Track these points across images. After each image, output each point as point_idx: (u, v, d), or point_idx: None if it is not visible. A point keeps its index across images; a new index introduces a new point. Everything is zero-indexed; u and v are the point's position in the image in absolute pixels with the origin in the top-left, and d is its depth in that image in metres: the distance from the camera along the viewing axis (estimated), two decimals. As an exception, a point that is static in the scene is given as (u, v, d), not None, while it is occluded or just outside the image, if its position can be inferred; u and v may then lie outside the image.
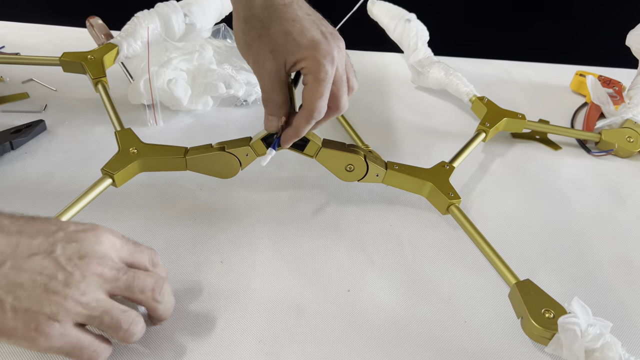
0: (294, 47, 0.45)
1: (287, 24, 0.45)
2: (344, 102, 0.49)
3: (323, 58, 0.45)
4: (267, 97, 0.48)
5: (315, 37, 0.45)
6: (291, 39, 0.45)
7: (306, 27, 0.45)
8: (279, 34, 0.45)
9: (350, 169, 0.58)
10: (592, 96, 0.84)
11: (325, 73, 0.45)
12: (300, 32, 0.45)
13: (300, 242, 0.57)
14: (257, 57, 0.46)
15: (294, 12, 0.46)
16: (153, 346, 0.45)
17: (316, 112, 0.47)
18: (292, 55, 0.45)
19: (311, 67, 0.45)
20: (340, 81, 0.48)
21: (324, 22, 0.48)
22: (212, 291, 0.50)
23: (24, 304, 0.33)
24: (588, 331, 0.43)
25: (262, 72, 0.47)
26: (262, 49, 0.46)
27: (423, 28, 0.88)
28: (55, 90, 0.77)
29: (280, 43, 0.45)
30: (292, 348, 0.46)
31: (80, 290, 0.34)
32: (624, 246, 0.61)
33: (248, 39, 0.46)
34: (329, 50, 0.45)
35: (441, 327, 0.50)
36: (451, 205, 0.57)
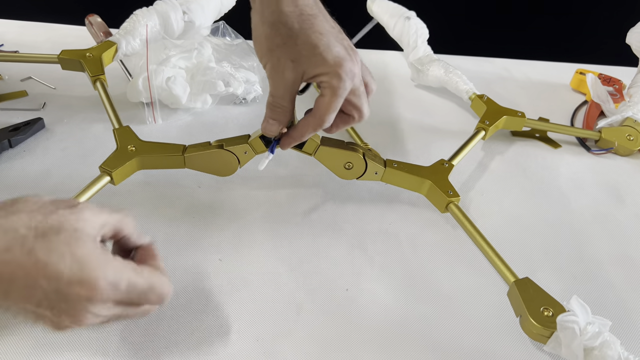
0: (319, 61, 0.45)
1: (314, 36, 0.45)
2: (366, 111, 0.50)
3: (346, 75, 0.45)
4: (276, 102, 0.48)
5: (340, 54, 0.45)
6: (317, 53, 0.45)
7: (332, 41, 0.45)
8: (306, 45, 0.45)
9: (349, 167, 0.58)
10: (592, 94, 0.83)
11: (344, 89, 0.46)
12: (326, 46, 0.45)
13: (298, 240, 0.57)
14: (277, 64, 0.46)
15: (321, 25, 0.46)
16: (150, 344, 0.45)
17: (326, 123, 0.48)
18: (315, 68, 0.45)
19: (332, 83, 0.46)
20: (359, 92, 0.48)
21: (344, 36, 0.48)
22: (210, 289, 0.50)
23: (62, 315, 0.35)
24: (587, 329, 0.43)
25: (279, 79, 0.47)
26: (284, 57, 0.46)
27: (423, 26, 0.88)
28: (54, 89, 0.77)
29: (305, 55, 0.45)
30: (290, 347, 0.46)
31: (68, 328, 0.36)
32: (624, 244, 0.61)
33: (271, 45, 0.46)
34: (351, 68, 0.46)
35: (440, 325, 0.50)
36: (450, 203, 0.57)
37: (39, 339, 0.44)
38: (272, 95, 0.48)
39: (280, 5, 0.45)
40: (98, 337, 0.45)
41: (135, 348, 0.45)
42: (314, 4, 0.47)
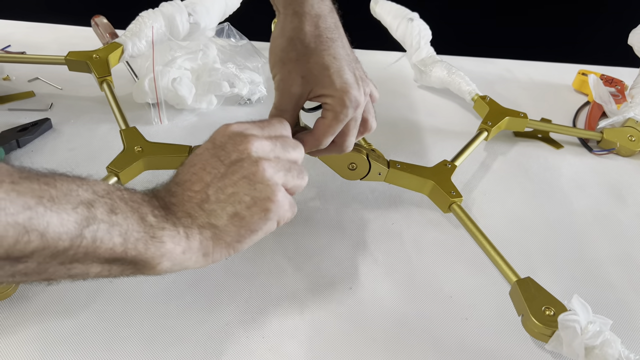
0: (327, 83, 0.46)
1: (328, 58, 0.46)
2: (350, 143, 0.50)
3: (350, 102, 0.46)
4: (278, 114, 0.49)
5: (348, 81, 0.46)
6: (327, 75, 0.46)
7: (344, 67, 0.47)
8: (317, 65, 0.46)
9: (353, 168, 0.58)
10: (594, 95, 0.84)
11: (345, 116, 0.47)
12: (337, 70, 0.46)
13: (303, 239, 0.57)
14: (287, 76, 0.48)
15: (337, 50, 0.47)
16: (157, 341, 0.46)
17: (323, 144, 0.49)
18: (322, 89, 0.47)
19: (335, 107, 0.46)
20: (353, 124, 0.49)
21: (357, 65, 0.49)
22: (215, 287, 0.51)
23: (247, 200, 0.39)
24: (588, 328, 0.44)
25: (286, 92, 0.48)
26: (295, 71, 0.47)
27: (426, 27, 0.89)
28: (60, 89, 0.78)
29: (315, 74, 0.46)
30: (294, 344, 0.47)
31: (263, 159, 0.40)
32: (625, 245, 0.61)
33: (285, 58, 0.48)
34: (356, 97, 0.46)
35: (442, 324, 0.50)
36: (453, 203, 0.58)
37: (46, 335, 0.45)
38: (275, 107, 0.49)
39: (302, 24, 0.47)
40: (106, 332, 0.46)
41: (143, 344, 0.45)
42: (335, 29, 0.48)
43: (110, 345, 0.45)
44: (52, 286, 0.49)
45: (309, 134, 0.49)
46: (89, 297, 0.49)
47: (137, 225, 0.34)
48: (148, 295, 0.50)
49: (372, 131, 0.52)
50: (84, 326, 0.46)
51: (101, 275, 0.34)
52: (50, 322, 0.46)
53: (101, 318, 0.47)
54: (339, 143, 0.50)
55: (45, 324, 0.46)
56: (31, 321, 0.46)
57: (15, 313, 0.47)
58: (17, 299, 0.47)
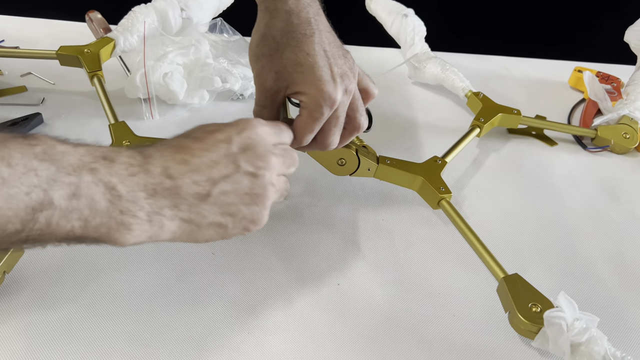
0: (300, 80, 0.46)
1: (301, 55, 0.45)
2: (331, 141, 0.49)
3: (323, 100, 0.45)
4: (258, 110, 0.49)
5: (322, 77, 0.45)
6: (300, 71, 0.45)
7: (318, 64, 0.45)
8: (290, 61, 0.46)
9: (342, 163, 0.58)
10: (589, 92, 0.83)
11: (320, 114, 0.46)
12: (310, 67, 0.45)
13: (291, 235, 0.57)
14: (261, 72, 0.47)
15: (311, 46, 0.46)
16: (142, 336, 0.46)
17: (302, 142, 0.48)
18: (296, 86, 0.46)
19: (309, 105, 0.46)
20: (334, 121, 0.48)
21: (339, 61, 0.47)
22: (201, 282, 0.51)
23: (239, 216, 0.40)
24: (574, 325, 0.43)
25: (261, 87, 0.48)
26: (268, 67, 0.47)
27: (420, 23, 0.88)
28: (53, 84, 0.78)
29: (289, 70, 0.46)
30: (281, 339, 0.47)
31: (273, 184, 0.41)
32: (617, 242, 0.61)
33: (258, 53, 0.47)
34: (331, 94, 0.45)
35: (430, 320, 0.50)
36: (442, 199, 0.57)
37: (31, 329, 0.45)
38: (255, 103, 0.49)
39: (273, 20, 0.46)
40: (91, 326, 0.46)
41: (128, 338, 0.45)
42: (312, 24, 0.47)
43: (96, 340, 0.45)
44: (37, 281, 0.49)
45: None
46: (75, 292, 0.49)
47: (105, 208, 0.33)
48: (134, 289, 0.49)
49: (362, 130, 0.51)
50: (69, 320, 0.46)
51: (60, 245, 0.34)
52: (35, 315, 0.46)
53: (87, 312, 0.47)
54: (319, 141, 0.49)
55: (31, 318, 0.46)
56: (17, 314, 0.46)
57: (1, 306, 0.47)
58: (3, 293, 0.47)
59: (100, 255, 0.52)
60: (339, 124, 0.48)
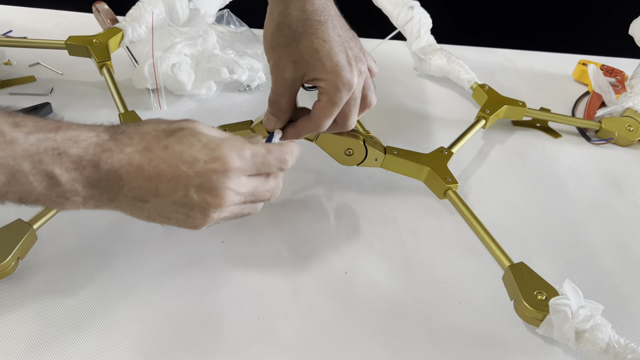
0: (318, 67, 0.46)
1: (317, 42, 0.46)
2: (352, 122, 0.51)
3: (342, 85, 0.46)
4: (275, 99, 0.50)
5: (340, 62, 0.46)
6: (317, 58, 0.46)
7: (334, 49, 0.46)
8: (307, 49, 0.46)
9: (350, 153, 0.59)
10: (594, 85, 0.84)
11: (339, 99, 0.47)
12: (327, 53, 0.46)
13: (299, 223, 0.58)
14: (278, 62, 0.48)
15: (326, 32, 0.47)
16: (155, 320, 0.46)
17: (321, 127, 0.49)
18: (314, 73, 0.47)
19: (328, 90, 0.46)
20: (353, 102, 0.49)
21: (352, 44, 0.48)
22: (212, 269, 0.52)
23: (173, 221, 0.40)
24: (579, 313, 0.44)
25: (279, 77, 0.48)
26: (286, 56, 0.47)
27: (426, 15, 0.88)
28: (61, 74, 0.78)
29: (306, 58, 0.46)
30: (289, 326, 0.48)
31: (214, 218, 0.40)
32: (620, 233, 0.62)
33: (275, 43, 0.48)
34: (349, 78, 0.46)
35: (436, 308, 0.51)
36: (448, 189, 0.58)
37: (44, 313, 0.46)
38: (272, 92, 0.50)
39: (288, 9, 0.47)
40: (103, 312, 0.47)
41: (139, 324, 0.46)
42: (324, 11, 0.48)
43: (107, 325, 0.46)
44: (50, 267, 0.50)
45: (307, 119, 0.49)
46: (87, 278, 0.49)
47: (41, 192, 0.36)
48: (145, 276, 0.50)
49: (373, 106, 0.52)
50: (82, 305, 0.47)
51: None
52: (48, 300, 0.47)
53: (99, 298, 0.48)
54: (340, 123, 0.50)
55: (44, 303, 0.47)
56: (30, 300, 0.47)
57: (15, 292, 0.47)
58: (17, 278, 0.48)
59: (110, 242, 0.53)
60: (357, 104, 0.50)
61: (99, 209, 0.40)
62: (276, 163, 0.42)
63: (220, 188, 0.39)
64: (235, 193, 0.40)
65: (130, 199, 0.38)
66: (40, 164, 0.35)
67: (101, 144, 0.37)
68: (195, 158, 0.38)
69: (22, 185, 0.35)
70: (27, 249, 0.48)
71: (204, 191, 0.38)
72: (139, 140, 0.38)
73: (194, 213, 0.39)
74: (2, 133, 0.35)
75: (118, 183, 0.37)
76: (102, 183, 0.37)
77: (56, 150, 0.36)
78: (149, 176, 0.37)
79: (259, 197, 0.43)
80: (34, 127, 0.36)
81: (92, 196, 0.38)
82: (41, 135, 0.36)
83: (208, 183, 0.38)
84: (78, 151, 0.36)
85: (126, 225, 0.55)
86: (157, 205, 0.39)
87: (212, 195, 0.39)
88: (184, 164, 0.38)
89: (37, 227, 0.48)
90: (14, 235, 0.46)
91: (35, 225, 0.48)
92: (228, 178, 0.39)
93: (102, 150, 0.37)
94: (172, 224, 0.41)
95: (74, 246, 0.52)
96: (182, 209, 0.39)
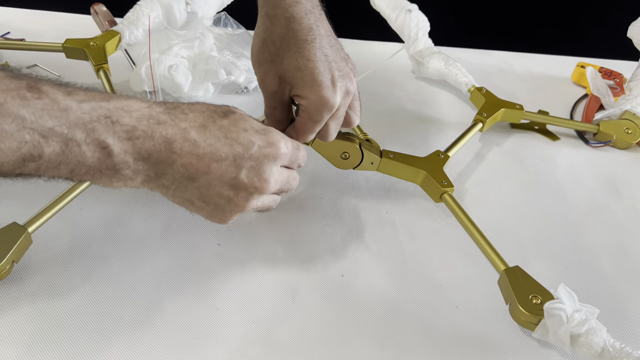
0: (300, 84, 0.47)
1: (301, 60, 0.46)
2: (331, 137, 0.52)
3: (323, 106, 0.47)
4: (269, 112, 0.51)
5: (323, 83, 0.46)
6: (300, 77, 0.46)
7: (319, 69, 0.46)
8: (291, 67, 0.46)
9: (346, 157, 0.59)
10: (592, 87, 0.84)
11: (320, 117, 0.48)
12: (310, 73, 0.46)
13: (296, 227, 0.58)
14: (265, 77, 0.48)
15: (312, 51, 0.46)
16: (150, 323, 0.46)
17: (304, 139, 0.50)
18: (297, 90, 0.47)
19: (309, 109, 0.47)
20: (335, 121, 0.50)
21: (340, 65, 0.48)
22: (208, 272, 0.52)
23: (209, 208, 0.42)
24: (574, 317, 0.44)
25: (267, 91, 0.49)
26: (271, 72, 0.48)
27: (424, 19, 0.88)
28: (58, 76, 0.78)
29: (289, 75, 0.47)
30: (285, 329, 0.48)
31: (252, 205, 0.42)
32: (619, 236, 0.62)
33: (260, 58, 0.48)
34: (330, 99, 0.47)
35: (433, 311, 0.51)
36: (444, 193, 0.58)
37: (38, 316, 0.46)
38: (266, 105, 0.50)
39: (273, 26, 0.47)
40: (97, 314, 0.46)
41: (134, 327, 0.46)
42: (312, 30, 0.47)
43: (102, 328, 0.46)
44: (45, 269, 0.49)
45: (292, 128, 0.51)
46: (81, 280, 0.49)
47: (92, 164, 0.35)
48: (140, 278, 0.50)
49: (354, 126, 0.54)
50: (77, 308, 0.47)
51: None
52: (43, 303, 0.47)
53: (93, 300, 0.48)
54: (320, 136, 0.52)
55: (39, 305, 0.47)
56: (25, 303, 0.47)
57: (10, 295, 0.47)
58: (11, 281, 0.48)
59: (106, 245, 0.53)
60: (339, 123, 0.51)
61: (144, 186, 0.39)
62: (300, 159, 0.46)
63: (268, 173, 0.41)
64: (275, 181, 0.42)
65: (179, 175, 0.38)
66: (94, 132, 0.35)
67: (155, 117, 0.37)
68: (251, 141, 0.40)
69: (75, 155, 0.35)
70: (22, 252, 0.48)
71: (254, 174, 0.40)
72: (194, 118, 0.39)
73: (238, 198, 0.40)
74: (56, 100, 0.34)
75: (170, 157, 0.37)
76: (153, 156, 0.37)
77: (109, 118, 0.35)
78: (203, 153, 0.38)
79: (285, 188, 0.45)
80: (85, 96, 0.35)
81: (142, 170, 0.38)
82: (94, 104, 0.35)
83: (259, 167, 0.40)
84: (131, 121, 0.36)
85: (121, 228, 0.55)
86: (204, 185, 0.39)
87: (260, 180, 0.40)
88: (240, 146, 0.39)
89: (32, 230, 0.48)
90: (9, 239, 0.46)
91: (30, 229, 0.48)
92: (276, 165, 0.41)
93: (156, 122, 0.37)
94: (204, 213, 0.42)
95: (69, 249, 0.52)
96: (227, 192, 0.40)
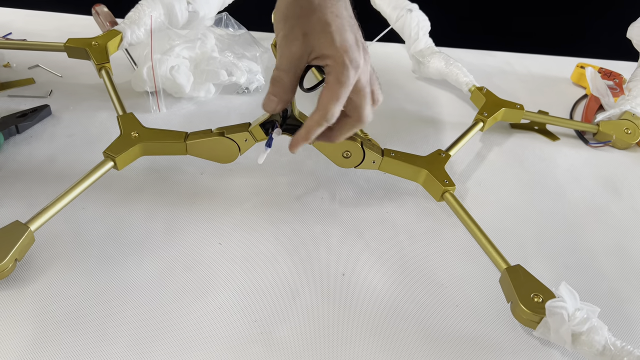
0: (327, 41, 0.45)
1: (330, 16, 0.46)
2: (367, 114, 0.49)
3: (350, 62, 0.45)
4: (278, 75, 0.48)
5: (348, 40, 0.46)
6: (328, 31, 0.45)
7: (345, 27, 0.46)
8: (319, 22, 0.46)
9: (347, 156, 0.59)
10: (591, 88, 0.84)
11: (347, 77, 0.45)
12: (338, 29, 0.45)
13: (297, 226, 0.58)
14: (289, 33, 0.47)
15: (340, 10, 0.47)
16: (152, 322, 0.47)
17: (329, 115, 0.47)
18: (322, 48, 0.46)
19: (335, 67, 0.45)
20: (363, 92, 0.48)
21: (360, 33, 0.48)
22: (209, 271, 0.52)
23: None
24: (575, 315, 0.44)
25: (286, 50, 0.47)
26: (297, 27, 0.46)
27: (425, 18, 0.89)
28: (60, 76, 0.79)
29: (317, 30, 0.46)
30: (286, 328, 0.48)
31: None
32: (618, 236, 0.62)
33: (289, 14, 0.47)
34: (356, 58, 0.46)
35: (433, 310, 0.51)
36: (446, 192, 0.58)
37: (41, 315, 0.46)
38: (277, 67, 0.48)
39: None
40: (100, 314, 0.47)
41: (137, 326, 0.46)
42: None
43: (105, 327, 0.46)
44: (48, 268, 0.50)
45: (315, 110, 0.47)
46: (84, 279, 0.49)
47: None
48: (142, 278, 0.50)
49: (379, 103, 0.51)
50: (79, 307, 0.47)
51: None
52: (46, 302, 0.47)
53: (96, 300, 0.48)
54: (355, 117, 0.49)
55: (41, 304, 0.47)
56: (27, 301, 0.47)
57: (12, 293, 0.47)
58: (14, 280, 0.48)
59: (109, 245, 0.53)
60: (367, 94, 0.48)
61: None
62: None
63: None
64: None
65: None
66: None
67: None
68: None
69: None
70: (25, 250, 0.48)
71: None
72: None
73: None
74: None
75: None
76: None
77: None
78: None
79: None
80: None
81: None
82: None
83: None
84: None
85: (124, 227, 0.55)
86: None
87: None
88: None
89: (35, 229, 0.48)
90: (12, 237, 0.47)
91: (33, 227, 0.48)
92: None
93: None
94: None
95: (71, 248, 0.52)
96: None
